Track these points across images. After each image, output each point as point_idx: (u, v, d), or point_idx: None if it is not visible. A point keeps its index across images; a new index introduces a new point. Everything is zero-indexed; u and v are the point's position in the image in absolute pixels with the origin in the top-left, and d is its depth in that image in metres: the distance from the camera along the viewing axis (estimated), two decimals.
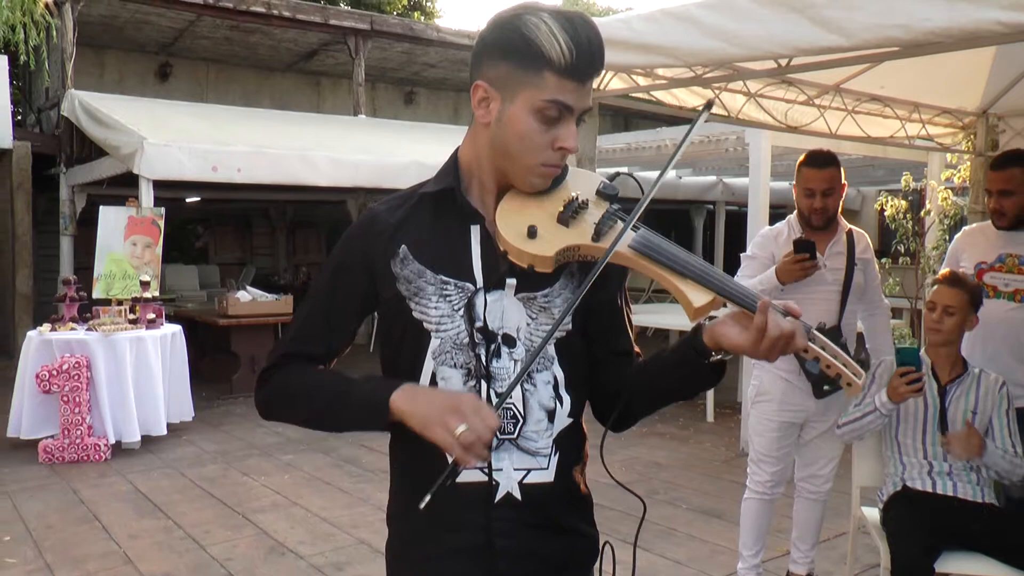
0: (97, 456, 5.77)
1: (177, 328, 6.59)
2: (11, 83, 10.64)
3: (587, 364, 1.35)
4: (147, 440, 6.16)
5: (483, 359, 1.27)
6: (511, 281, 1.27)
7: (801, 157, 3.23)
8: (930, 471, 2.88)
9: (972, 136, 4.92)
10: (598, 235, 1.22)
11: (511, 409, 1.28)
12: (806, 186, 3.16)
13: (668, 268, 1.20)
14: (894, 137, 4.61)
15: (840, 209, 3.25)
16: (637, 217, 1.22)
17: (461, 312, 1.27)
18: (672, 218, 16.73)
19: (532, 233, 1.22)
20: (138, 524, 4.52)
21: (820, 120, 4.06)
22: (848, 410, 2.98)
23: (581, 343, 1.33)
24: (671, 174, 11.34)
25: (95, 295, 6.65)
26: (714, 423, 6.98)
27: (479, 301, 1.28)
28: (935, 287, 2.95)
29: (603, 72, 3.10)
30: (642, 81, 3.20)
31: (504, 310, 1.28)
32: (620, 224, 1.23)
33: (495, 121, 1.24)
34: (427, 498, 1.13)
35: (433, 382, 1.28)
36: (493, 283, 1.28)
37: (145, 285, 6.50)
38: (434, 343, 1.28)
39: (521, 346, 1.28)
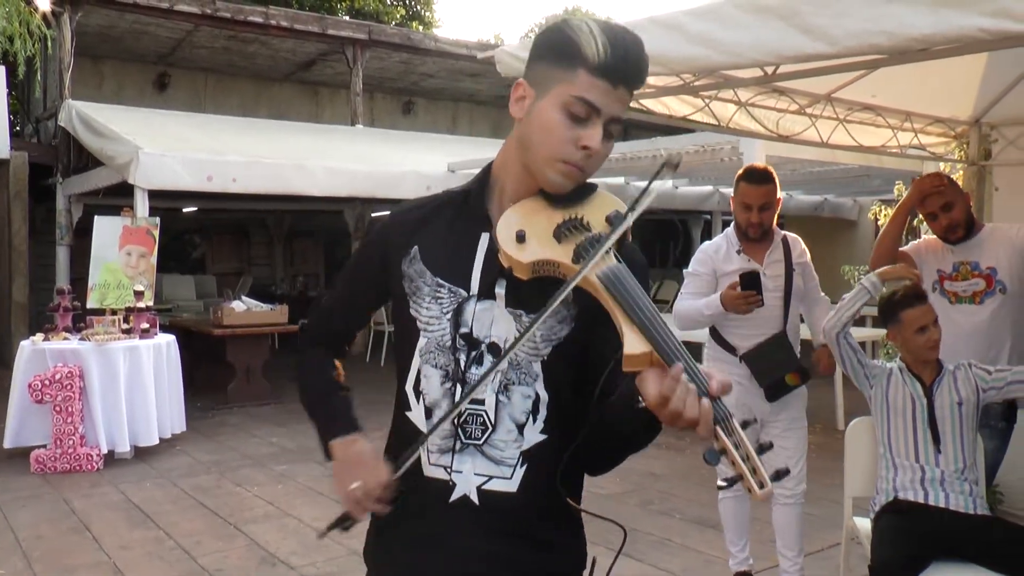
0: (89, 466, 5.75)
1: (171, 338, 6.58)
2: (9, 93, 10.67)
3: (572, 391, 1.33)
4: (140, 450, 6.14)
5: (461, 364, 1.30)
6: (500, 291, 1.29)
7: (739, 171, 3.39)
8: (922, 479, 2.87)
9: (965, 145, 4.90)
10: (577, 257, 1.21)
11: (481, 416, 1.29)
12: (744, 200, 3.32)
13: (621, 308, 1.15)
14: (886, 146, 4.60)
15: (775, 220, 3.41)
16: (611, 246, 1.20)
17: (448, 316, 1.31)
18: (670, 228, 16.74)
19: (520, 238, 1.23)
20: (129, 534, 4.50)
21: (811, 129, 4.05)
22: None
23: (565, 371, 1.31)
24: (668, 183, 11.34)
25: (89, 305, 6.64)
26: None
27: (468, 308, 1.31)
28: (906, 310, 2.95)
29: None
30: None
31: (493, 320, 1.30)
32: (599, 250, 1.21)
33: (525, 116, 1.28)
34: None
35: (419, 378, 1.34)
36: (486, 292, 1.30)
37: (139, 295, 6.49)
38: (422, 341, 1.33)
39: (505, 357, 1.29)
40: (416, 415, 1.33)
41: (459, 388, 1.30)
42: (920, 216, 6.01)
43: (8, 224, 10.34)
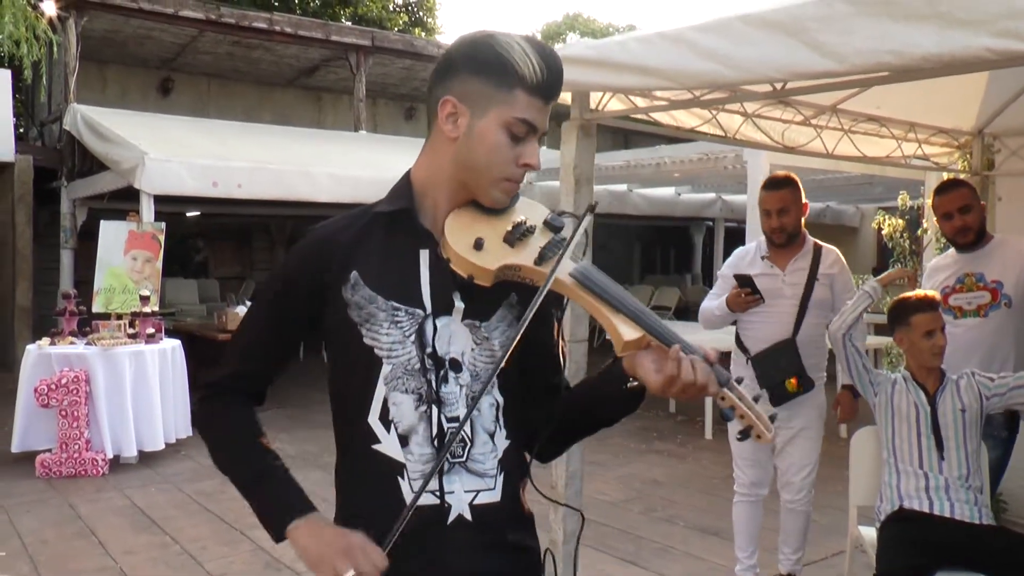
0: (95, 471, 5.76)
1: (176, 343, 6.60)
2: (14, 97, 10.70)
3: (522, 389, 1.38)
4: (145, 455, 6.16)
5: (434, 385, 1.30)
6: (459, 306, 1.30)
7: (762, 182, 3.56)
8: (926, 487, 2.89)
9: (968, 156, 4.93)
10: (541, 259, 1.26)
11: (460, 433, 1.30)
12: (764, 207, 3.48)
13: (603, 301, 1.23)
14: (890, 157, 4.62)
15: (803, 225, 3.53)
16: (575, 248, 1.26)
17: (412, 338, 1.29)
18: (672, 234, 16.76)
19: (479, 245, 1.26)
20: (134, 539, 4.52)
21: (817, 140, 4.07)
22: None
23: (514, 372, 1.35)
24: (670, 191, 11.38)
25: (95, 309, 6.67)
26: (712, 440, 6.97)
27: (429, 327, 1.30)
28: (916, 314, 2.99)
29: (602, 93, 3.16)
30: (640, 102, 3.22)
31: (452, 335, 1.31)
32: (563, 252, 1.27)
33: (463, 135, 1.28)
34: None
35: (385, 407, 1.29)
36: (442, 308, 1.31)
37: (145, 299, 6.52)
38: (386, 369, 1.29)
39: (466, 371, 1.31)
40: (388, 446, 1.29)
41: (435, 409, 1.29)
42: (923, 227, 6.06)
43: (12, 227, 10.37)
